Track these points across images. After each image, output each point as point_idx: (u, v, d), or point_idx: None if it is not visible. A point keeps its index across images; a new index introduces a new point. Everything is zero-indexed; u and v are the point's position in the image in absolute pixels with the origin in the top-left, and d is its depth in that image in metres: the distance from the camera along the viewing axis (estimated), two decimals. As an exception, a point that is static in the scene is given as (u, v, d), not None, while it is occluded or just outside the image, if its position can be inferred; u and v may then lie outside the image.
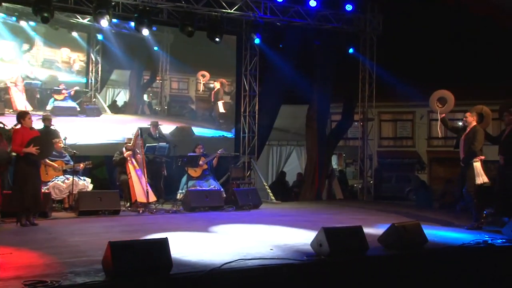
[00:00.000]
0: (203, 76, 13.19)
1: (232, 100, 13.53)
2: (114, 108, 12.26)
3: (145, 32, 10.69)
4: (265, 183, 12.46)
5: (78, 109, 11.63)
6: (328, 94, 13.99)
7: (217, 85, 13.38)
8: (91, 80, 11.90)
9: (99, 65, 11.97)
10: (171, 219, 8.52)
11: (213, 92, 13.39)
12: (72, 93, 11.57)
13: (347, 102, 14.91)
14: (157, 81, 12.94)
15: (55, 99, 11.36)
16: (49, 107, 11.23)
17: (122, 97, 12.51)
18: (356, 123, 14.97)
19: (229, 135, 13.33)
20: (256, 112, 12.92)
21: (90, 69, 11.90)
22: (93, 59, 11.92)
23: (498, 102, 10.89)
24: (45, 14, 9.58)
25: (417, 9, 17.26)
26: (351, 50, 13.04)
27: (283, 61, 12.96)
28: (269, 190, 12.18)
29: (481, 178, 7.51)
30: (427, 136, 24.89)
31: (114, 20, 10.95)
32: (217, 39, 11.07)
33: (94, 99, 11.92)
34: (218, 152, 10.71)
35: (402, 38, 17.57)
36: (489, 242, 6.39)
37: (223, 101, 13.42)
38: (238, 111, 13.12)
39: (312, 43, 12.89)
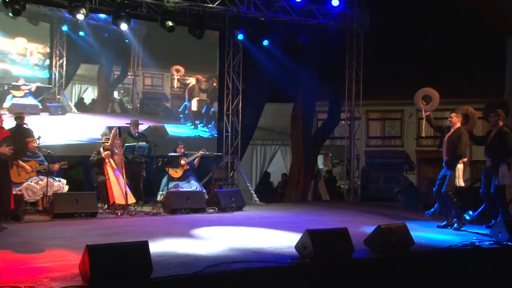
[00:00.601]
0: (177, 71, 12.99)
1: (208, 98, 13.38)
2: (81, 106, 11.88)
3: (124, 26, 10.62)
4: (248, 184, 12.53)
5: (40, 107, 11.16)
6: (314, 92, 14.10)
7: (192, 81, 13.18)
8: (55, 75, 11.47)
9: (64, 59, 11.55)
10: (151, 221, 8.53)
11: (187, 89, 13.18)
12: (33, 89, 11.10)
13: (333, 100, 15.04)
14: (129, 76, 12.63)
15: (14, 96, 10.81)
16: (6, 105, 10.68)
17: (90, 94, 12.13)
18: (343, 122, 15.10)
19: (205, 134, 13.20)
20: (239, 110, 12.98)
21: (54, 63, 11.44)
22: (57, 52, 11.47)
23: (487, 100, 11.15)
24: (17, 7, 9.42)
25: (405, 5, 17.48)
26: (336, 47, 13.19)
27: (268, 57, 13.03)
28: (253, 191, 12.25)
29: (459, 181, 7.71)
30: (416, 135, 25.17)
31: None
32: (199, 35, 11.08)
33: (58, 96, 11.52)
34: (200, 152, 10.74)
35: (390, 35, 17.76)
36: (476, 244, 6.56)
37: (197, 99, 13.23)
38: (221, 110, 13.15)
39: (298, 39, 12.98)
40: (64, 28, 11.44)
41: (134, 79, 12.66)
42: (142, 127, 11.87)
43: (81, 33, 11.61)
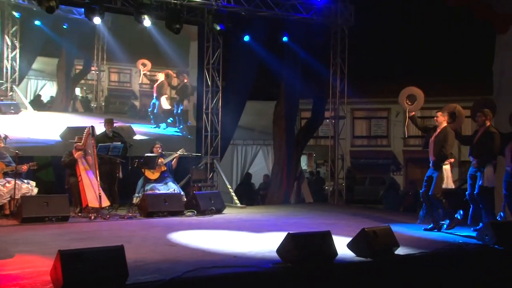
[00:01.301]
0: (144, 65, 12.61)
1: (178, 95, 13.13)
2: (38, 104, 11.33)
3: (97, 20, 10.56)
4: (229, 186, 12.56)
5: None
6: (297, 90, 14.20)
7: (160, 76, 12.85)
8: (7, 69, 10.85)
9: (17, 51, 10.96)
10: (127, 225, 8.54)
11: (155, 86, 12.79)
12: None
13: (317, 98, 15.16)
14: (92, 71, 12.18)
15: None
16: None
17: (48, 90, 11.59)
18: (327, 121, 15.24)
19: (176, 135, 12.96)
20: (219, 109, 12.98)
21: (5, 55, 10.83)
22: (9, 43, 10.82)
23: (475, 98, 11.40)
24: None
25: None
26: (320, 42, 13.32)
27: (249, 53, 13.08)
28: (233, 194, 12.30)
29: (448, 182, 7.88)
30: (403, 135, 25.44)
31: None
32: (176, 30, 11.08)
33: (11, 93, 10.92)
34: (178, 152, 10.75)
35: (376, 30, 17.97)
36: (462, 247, 6.72)
37: (166, 96, 12.96)
38: (200, 108, 13.14)
39: (280, 34, 13.06)
40: (16, 15, 10.79)
41: (98, 74, 12.19)
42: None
43: (37, 22, 11.01)
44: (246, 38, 12.68)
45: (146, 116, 12.84)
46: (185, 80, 13.30)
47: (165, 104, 13.00)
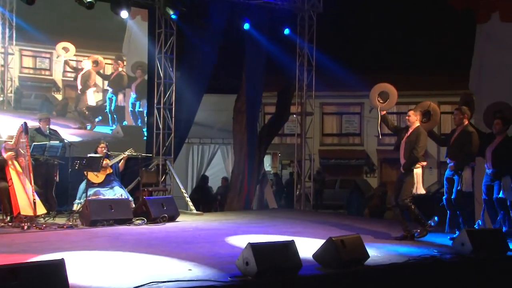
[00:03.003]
0: (65, 49, 11.79)
1: (112, 87, 12.63)
2: None
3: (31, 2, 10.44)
4: (183, 190, 12.61)
5: None
6: (260, 82, 14.34)
7: (86, 64, 12.14)
8: None
9: None
10: (66, 236, 8.50)
11: (80, 75, 12.08)
12: None
13: (282, 91, 15.33)
14: None
15: None
16: None
17: None
18: (294, 116, 15.44)
19: (107, 138, 12.20)
20: (172, 103, 12.99)
21: None
22: None
23: (457, 92, 11.72)
24: None
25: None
26: (287, 31, 13.47)
27: (206, 41, 13.13)
28: (188, 199, 12.36)
29: (418, 187, 8.13)
30: (378, 134, 25.85)
31: None
32: (123, 14, 11.05)
33: None
34: (126, 152, 10.74)
35: (348, 17, 18.24)
36: (437, 257, 6.97)
37: (95, 89, 12.39)
38: (151, 103, 13.11)
39: (241, 21, 13.16)
40: None
41: (5, 58, 11.08)
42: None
43: None
44: (203, 24, 12.71)
45: (70, 113, 12.15)
46: (120, 69, 12.87)
47: (91, 99, 12.42)
